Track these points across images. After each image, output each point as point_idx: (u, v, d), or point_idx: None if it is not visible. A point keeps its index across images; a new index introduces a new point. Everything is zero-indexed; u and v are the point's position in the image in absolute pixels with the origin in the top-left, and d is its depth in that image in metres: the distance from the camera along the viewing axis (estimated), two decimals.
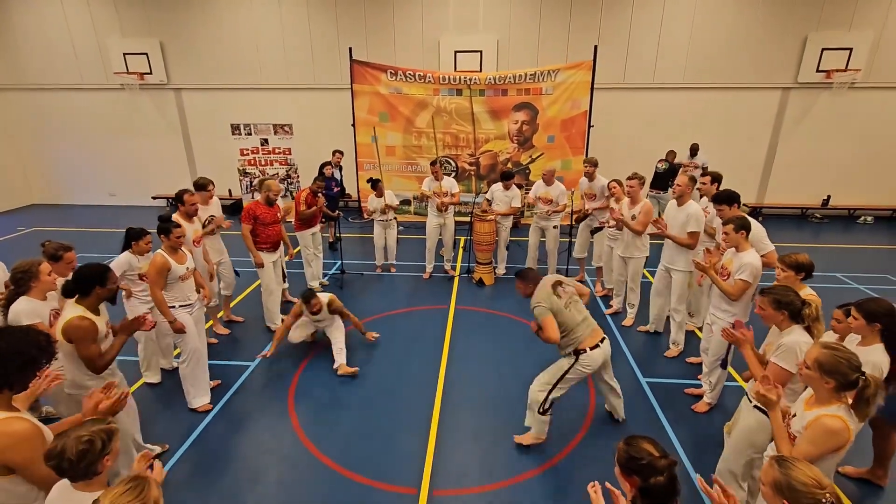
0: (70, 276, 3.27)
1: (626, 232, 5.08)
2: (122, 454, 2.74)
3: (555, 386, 3.28)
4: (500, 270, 6.80)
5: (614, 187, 5.32)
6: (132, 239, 3.70)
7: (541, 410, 3.33)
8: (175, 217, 4.24)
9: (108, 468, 1.64)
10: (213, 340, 4.94)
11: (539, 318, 3.16)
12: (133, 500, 1.44)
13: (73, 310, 2.60)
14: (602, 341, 3.28)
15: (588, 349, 3.21)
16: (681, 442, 3.56)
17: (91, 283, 2.62)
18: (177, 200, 4.35)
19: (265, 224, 4.94)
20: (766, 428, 2.48)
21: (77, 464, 1.55)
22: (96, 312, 2.69)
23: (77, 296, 2.64)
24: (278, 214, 5.09)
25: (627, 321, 5.37)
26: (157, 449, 3.42)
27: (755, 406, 2.58)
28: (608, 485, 1.85)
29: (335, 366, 4.43)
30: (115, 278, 2.78)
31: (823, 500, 1.48)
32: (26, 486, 1.78)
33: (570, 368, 3.24)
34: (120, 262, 3.73)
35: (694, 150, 9.06)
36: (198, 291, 3.92)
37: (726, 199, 3.97)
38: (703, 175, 4.64)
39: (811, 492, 1.49)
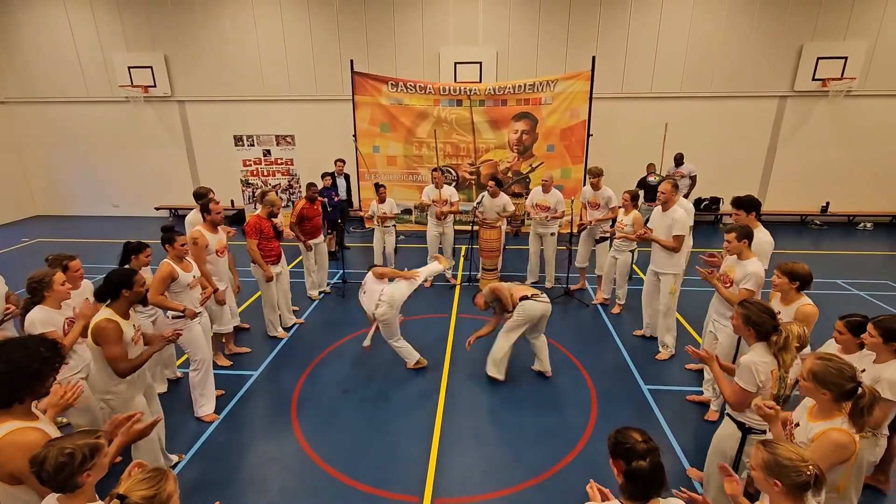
0: (80, 288, 3.36)
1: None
2: (150, 458, 2.88)
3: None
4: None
5: (627, 199, 5.39)
6: (131, 253, 3.66)
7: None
8: (199, 228, 4.27)
9: (90, 483, 1.63)
10: (228, 363, 4.78)
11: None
12: (149, 488, 1.48)
13: (101, 312, 2.72)
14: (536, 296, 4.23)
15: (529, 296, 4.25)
16: (683, 449, 3.57)
17: (119, 287, 2.73)
18: (202, 210, 4.36)
19: (269, 238, 5.00)
20: (735, 437, 2.60)
21: (54, 476, 1.54)
22: (125, 317, 2.78)
23: (109, 300, 2.75)
24: (280, 227, 5.16)
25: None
26: (175, 458, 3.44)
27: (727, 414, 2.67)
28: (599, 486, 1.94)
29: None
30: (143, 280, 2.86)
31: (808, 472, 1.60)
32: (35, 495, 1.79)
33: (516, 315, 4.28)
34: None
35: (678, 160, 8.99)
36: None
37: (746, 204, 3.87)
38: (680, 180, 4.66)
39: (796, 466, 1.62)
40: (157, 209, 11.32)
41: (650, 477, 1.58)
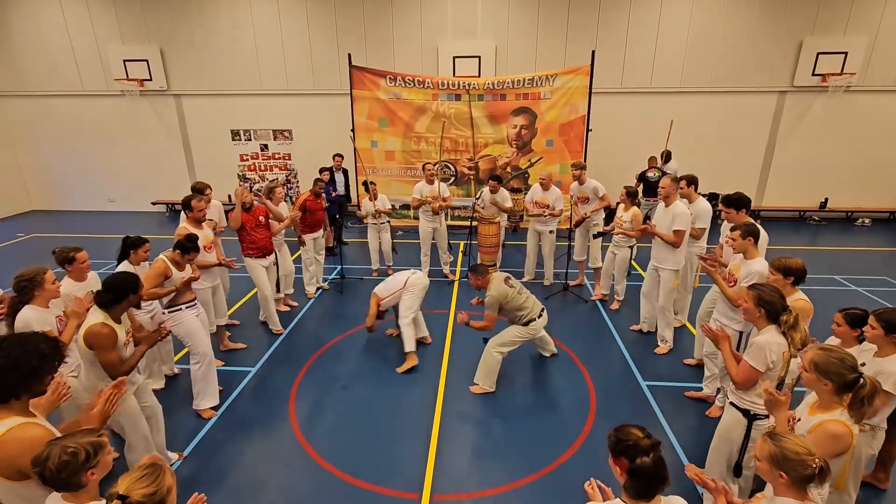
0: (86, 280, 3.31)
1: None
2: (143, 455, 2.80)
3: (508, 346, 4.21)
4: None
5: (624, 195, 5.37)
6: (130, 248, 3.66)
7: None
8: (184, 224, 4.26)
9: (93, 481, 1.62)
10: (219, 362, 4.60)
11: (487, 308, 4.05)
12: (148, 485, 1.48)
13: (94, 316, 2.65)
14: (542, 312, 4.22)
15: (536, 318, 4.15)
16: (682, 445, 3.57)
17: (125, 292, 2.69)
18: (184, 207, 4.33)
19: (249, 230, 4.94)
20: (741, 424, 2.61)
21: (57, 474, 1.54)
22: (118, 321, 2.73)
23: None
24: (261, 218, 5.02)
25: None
26: (174, 457, 3.42)
27: (731, 403, 2.67)
28: (599, 483, 1.93)
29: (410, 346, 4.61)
30: (142, 283, 2.85)
31: (813, 466, 1.61)
32: (42, 490, 1.79)
33: (521, 333, 4.18)
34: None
35: (666, 157, 8.95)
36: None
37: (735, 202, 3.91)
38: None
39: (802, 459, 1.63)
40: (153, 204, 11.25)
41: (654, 473, 1.57)
